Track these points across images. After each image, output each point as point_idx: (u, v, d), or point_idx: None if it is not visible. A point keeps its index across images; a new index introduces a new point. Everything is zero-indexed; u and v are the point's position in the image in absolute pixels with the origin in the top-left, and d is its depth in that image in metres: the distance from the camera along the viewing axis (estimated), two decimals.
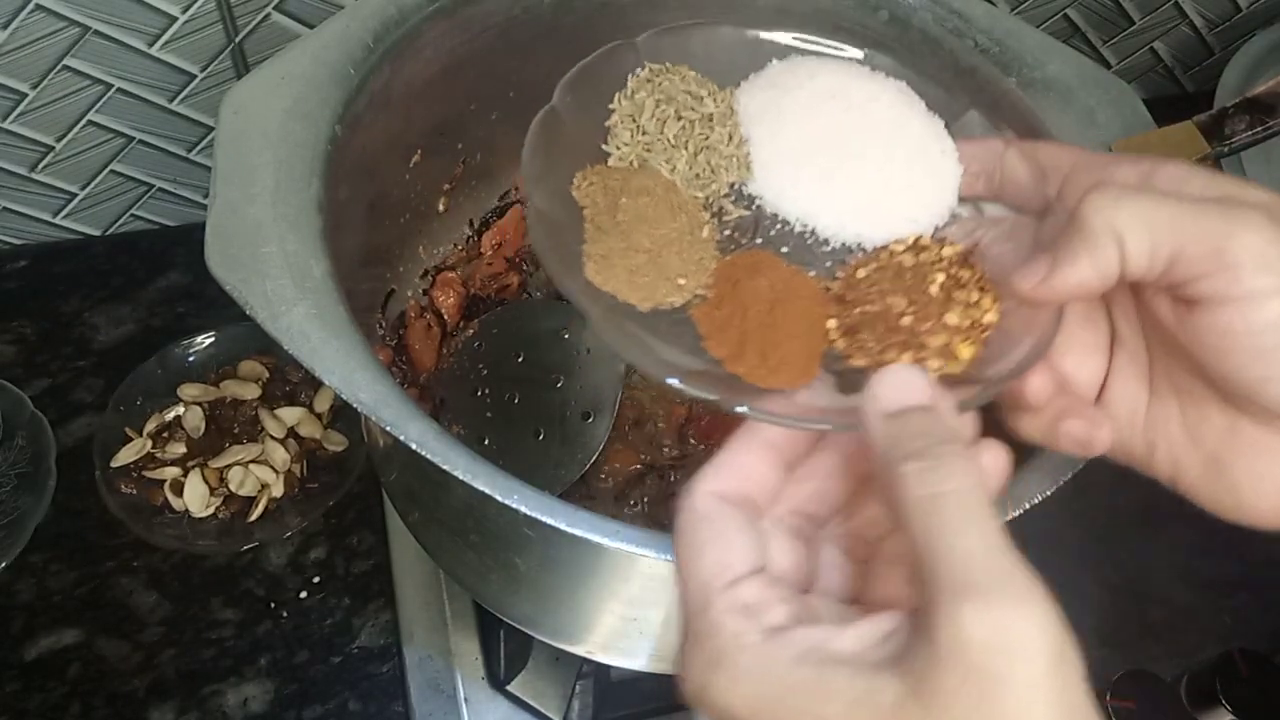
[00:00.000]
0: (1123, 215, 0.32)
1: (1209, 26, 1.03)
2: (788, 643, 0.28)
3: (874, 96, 0.41)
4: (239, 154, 0.48)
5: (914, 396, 0.31)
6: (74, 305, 0.86)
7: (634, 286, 0.37)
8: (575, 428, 0.61)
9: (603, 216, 0.38)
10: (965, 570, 0.26)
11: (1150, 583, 0.78)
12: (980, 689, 0.25)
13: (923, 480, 0.28)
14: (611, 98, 0.42)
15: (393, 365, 0.68)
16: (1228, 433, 0.34)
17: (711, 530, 0.31)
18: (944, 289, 0.38)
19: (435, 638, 0.72)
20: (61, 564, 0.74)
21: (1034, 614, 0.26)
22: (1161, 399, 0.36)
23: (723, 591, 0.30)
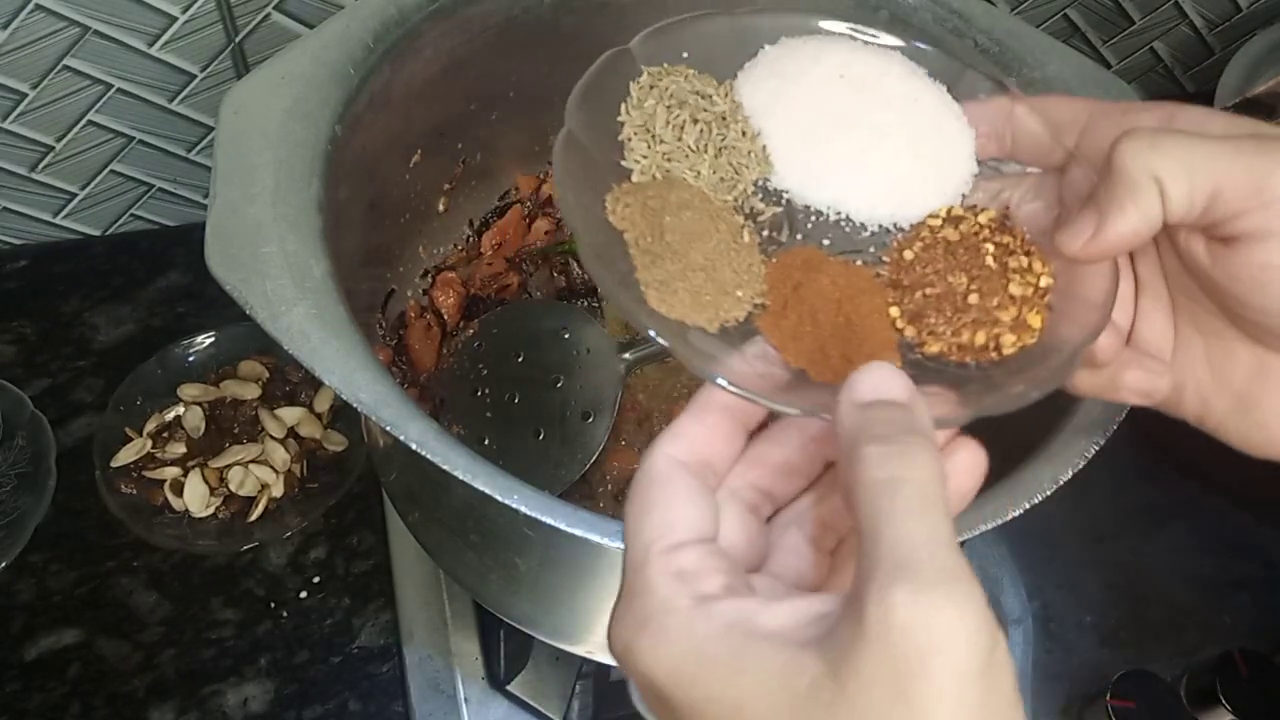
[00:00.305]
0: (1161, 159, 0.31)
1: (1209, 26, 1.03)
2: (715, 612, 0.28)
3: (882, 71, 0.41)
4: (239, 154, 0.48)
5: (890, 393, 0.30)
6: (74, 305, 0.86)
7: (700, 307, 0.35)
8: (575, 428, 0.61)
9: (648, 239, 0.36)
10: (906, 555, 0.25)
11: (1150, 583, 0.78)
12: (897, 675, 0.24)
13: (883, 464, 0.27)
14: (619, 108, 0.40)
15: (393, 365, 0.68)
16: (1255, 370, 0.35)
17: (663, 493, 0.31)
18: (997, 260, 0.38)
19: (435, 638, 0.72)
20: (61, 564, 0.74)
21: (967, 610, 0.25)
22: (1187, 341, 0.37)
23: (662, 554, 0.29)
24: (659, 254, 0.35)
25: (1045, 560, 0.77)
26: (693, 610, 0.28)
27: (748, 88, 0.41)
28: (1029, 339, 0.36)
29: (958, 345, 0.36)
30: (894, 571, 0.25)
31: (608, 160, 0.39)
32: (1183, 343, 0.37)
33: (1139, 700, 0.68)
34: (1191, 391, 0.37)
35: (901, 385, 0.30)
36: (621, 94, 0.40)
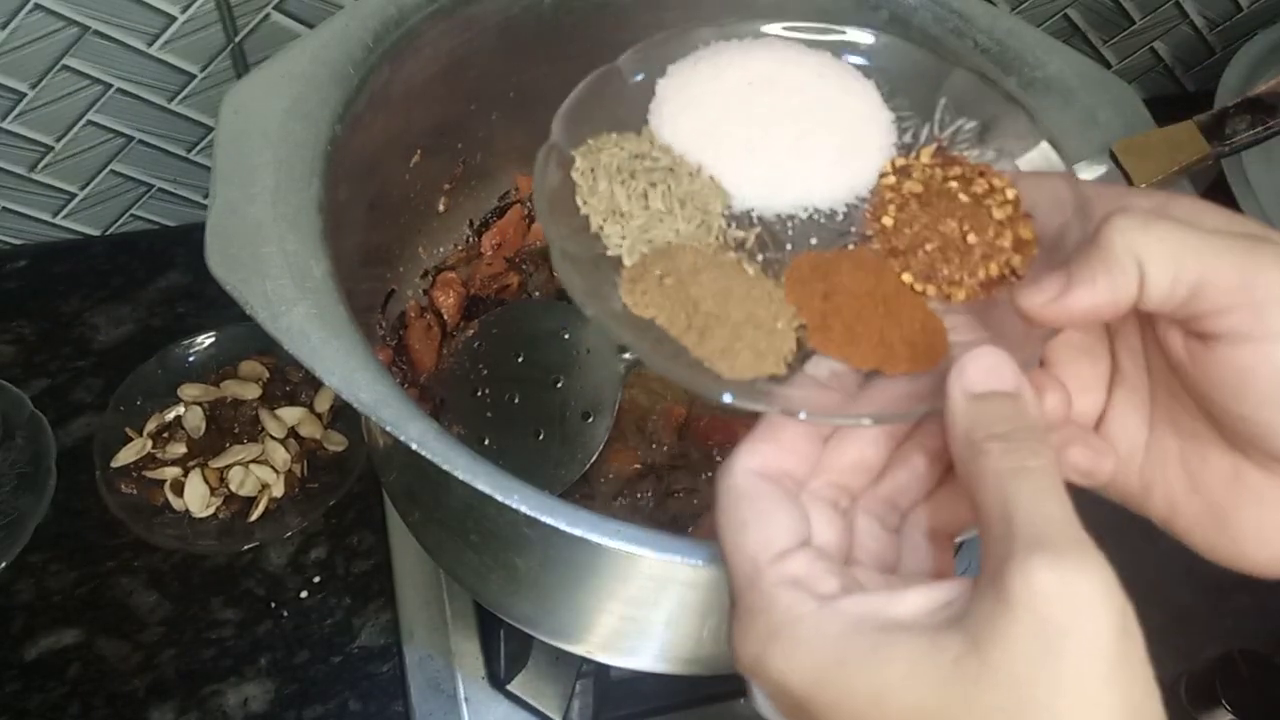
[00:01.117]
0: (1149, 240, 0.31)
1: (1209, 26, 1.03)
2: (842, 611, 0.28)
3: (782, 63, 0.41)
4: (239, 154, 0.48)
5: (1002, 382, 0.31)
6: (74, 305, 0.86)
7: (763, 357, 0.36)
8: (575, 428, 0.60)
9: (685, 318, 0.36)
10: (1041, 530, 0.27)
11: (1150, 583, 0.77)
12: (1044, 639, 0.25)
13: (1006, 456, 0.29)
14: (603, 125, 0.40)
15: (393, 365, 0.68)
16: (1230, 479, 0.33)
17: (754, 507, 0.31)
18: (967, 193, 0.39)
19: (435, 638, 0.72)
20: (61, 564, 0.74)
21: (1103, 578, 0.26)
22: (1161, 439, 0.35)
23: (771, 565, 0.30)
24: (705, 326, 0.35)
25: None
26: (820, 613, 0.28)
27: (666, 127, 0.41)
28: (1031, 251, 0.37)
29: (979, 284, 0.37)
30: (1032, 544, 0.26)
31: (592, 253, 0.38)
32: (1157, 441, 0.36)
33: None
34: (1160, 493, 0.35)
35: (1010, 373, 0.31)
36: (608, 113, 0.40)
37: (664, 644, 0.55)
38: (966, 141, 0.42)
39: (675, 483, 0.65)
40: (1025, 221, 0.38)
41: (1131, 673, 0.26)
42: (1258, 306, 0.30)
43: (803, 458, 0.34)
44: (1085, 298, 0.31)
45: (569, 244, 0.37)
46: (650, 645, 0.56)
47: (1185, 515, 0.35)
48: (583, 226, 0.38)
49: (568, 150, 0.39)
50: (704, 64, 0.41)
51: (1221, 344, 0.31)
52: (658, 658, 0.56)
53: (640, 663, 0.57)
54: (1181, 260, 0.30)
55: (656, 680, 0.60)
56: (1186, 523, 0.35)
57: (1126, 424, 0.36)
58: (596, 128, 0.40)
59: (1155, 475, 0.36)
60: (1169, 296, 0.31)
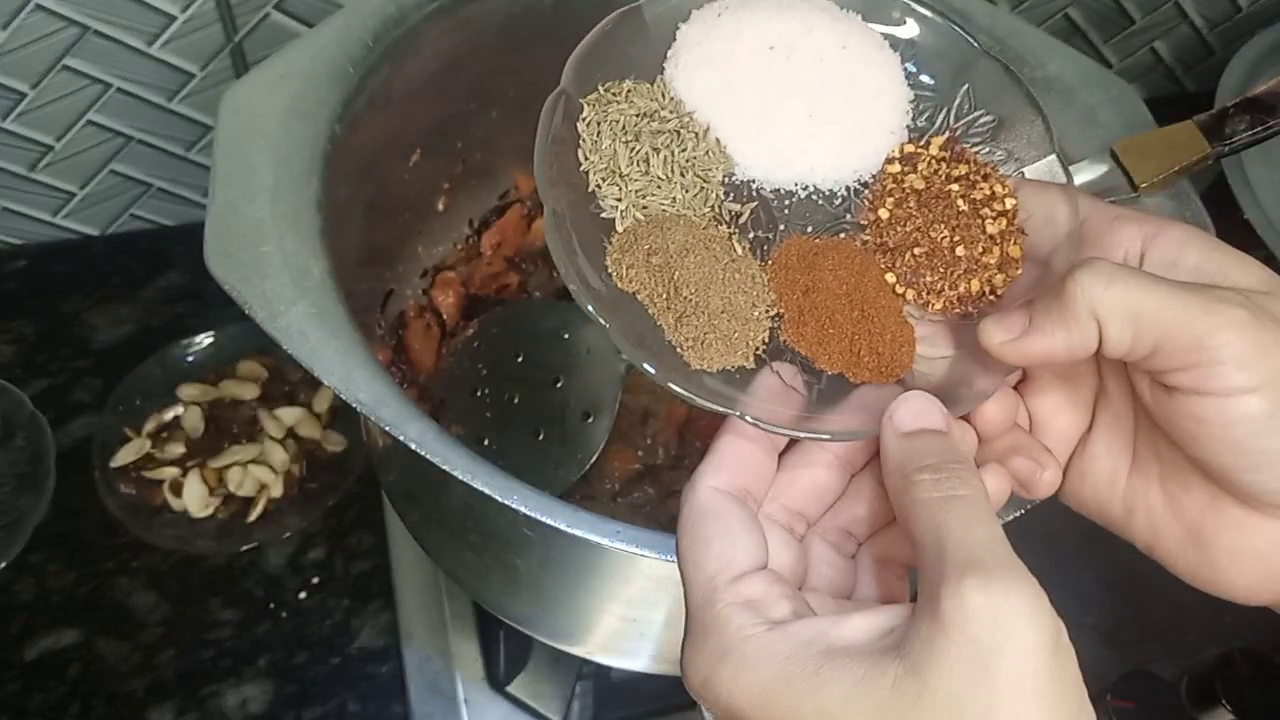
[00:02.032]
0: (1109, 301, 0.31)
1: (1209, 26, 1.03)
2: (790, 634, 0.29)
3: (806, 29, 0.40)
4: (238, 153, 0.48)
5: (929, 422, 0.32)
6: (73, 305, 0.85)
7: (733, 348, 0.36)
8: (575, 428, 0.60)
9: (665, 298, 0.36)
10: (971, 554, 0.27)
11: (1150, 583, 0.78)
12: (977, 660, 0.26)
13: (937, 486, 0.30)
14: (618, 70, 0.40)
15: (392, 365, 0.68)
16: (1209, 507, 0.34)
17: (716, 525, 0.32)
18: (965, 199, 0.39)
19: (435, 638, 0.72)
20: (61, 564, 0.73)
21: (1033, 598, 0.27)
22: (1144, 465, 0.36)
23: (728, 586, 0.31)
24: (682, 311, 0.36)
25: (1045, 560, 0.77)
26: (768, 635, 0.29)
27: (680, 80, 0.40)
28: (1015, 271, 0.38)
29: (957, 297, 0.38)
30: (963, 568, 0.27)
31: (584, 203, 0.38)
32: (1139, 467, 0.36)
33: (1139, 700, 0.68)
34: (1142, 517, 0.36)
35: (938, 413, 0.32)
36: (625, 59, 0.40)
37: (664, 645, 0.55)
38: (979, 136, 0.41)
39: (675, 483, 0.65)
40: (1016, 238, 0.38)
41: (1063, 691, 0.26)
42: (1210, 365, 0.31)
43: (760, 477, 0.34)
44: (1041, 345, 0.33)
45: (560, 201, 0.37)
46: (650, 646, 0.56)
47: (1167, 540, 0.35)
48: (579, 183, 0.38)
49: (577, 98, 0.38)
50: (727, 17, 0.40)
51: (1179, 395, 0.32)
52: (658, 659, 0.56)
53: (640, 664, 0.57)
54: (1140, 320, 0.31)
55: (656, 682, 0.60)
56: (1168, 547, 0.36)
57: (1111, 448, 0.37)
58: (611, 73, 0.39)
59: (1137, 500, 0.36)
60: (1130, 352, 0.32)
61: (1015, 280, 0.38)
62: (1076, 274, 0.32)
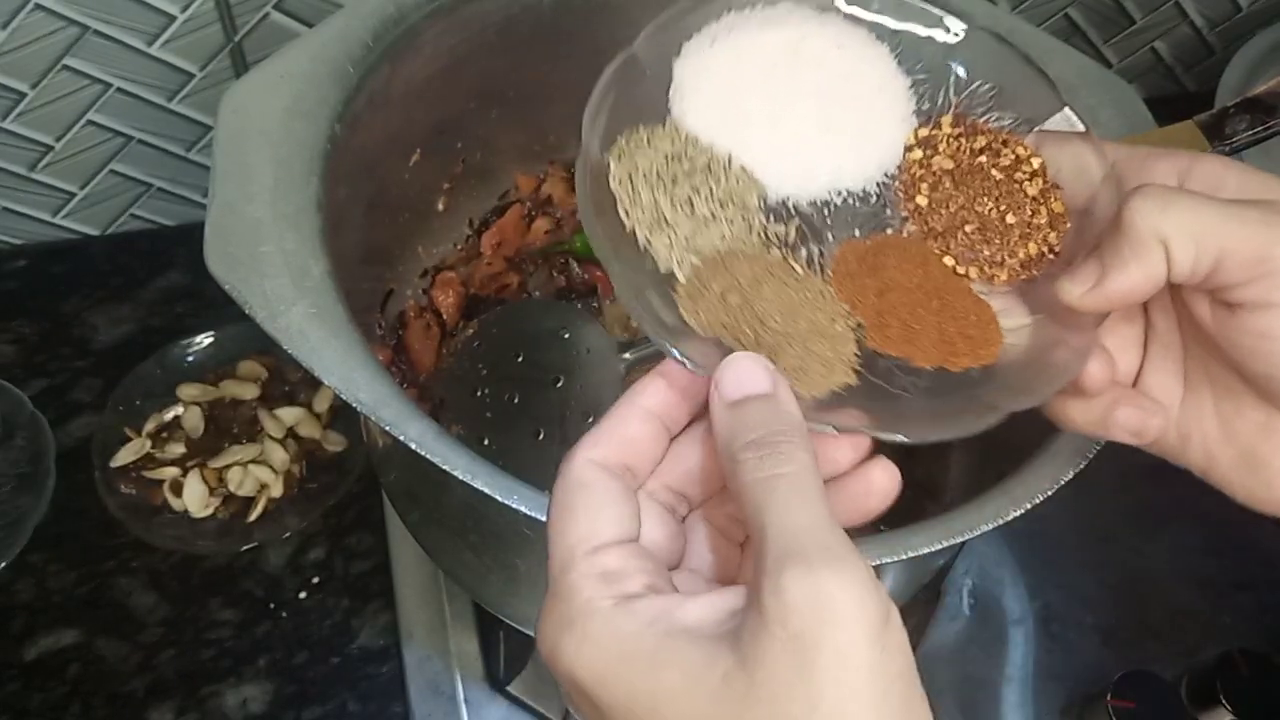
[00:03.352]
0: (1169, 223, 0.32)
1: (1209, 26, 1.03)
2: (636, 610, 0.28)
3: (800, 37, 0.40)
4: (238, 153, 0.48)
5: (754, 386, 0.31)
6: (73, 305, 0.85)
7: (833, 369, 0.35)
8: (575, 428, 0.60)
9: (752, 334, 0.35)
10: (790, 541, 0.27)
11: (1150, 583, 0.78)
12: (798, 655, 0.25)
13: (760, 465, 0.29)
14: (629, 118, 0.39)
15: (392, 365, 0.68)
16: (1263, 428, 0.35)
17: (585, 496, 0.31)
18: (997, 168, 0.39)
19: (435, 638, 0.72)
20: (61, 564, 0.73)
21: (854, 582, 0.26)
22: (1196, 392, 0.37)
23: (586, 556, 0.30)
24: (775, 345, 0.35)
25: (1045, 560, 0.77)
26: (615, 610, 0.28)
27: (689, 115, 0.39)
28: (1064, 226, 0.38)
29: (1019, 264, 0.38)
30: (782, 558, 0.26)
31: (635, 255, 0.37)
32: (1192, 393, 0.37)
33: (1139, 700, 0.68)
34: (1197, 443, 0.37)
35: (762, 375, 0.31)
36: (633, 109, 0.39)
37: None
38: (983, 105, 0.41)
39: None
40: (1056, 194, 0.39)
41: (887, 683, 0.25)
42: (1274, 277, 0.31)
43: (647, 455, 0.33)
44: (1121, 282, 0.33)
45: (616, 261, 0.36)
46: None
47: (1221, 464, 0.36)
48: (627, 239, 0.37)
49: (602, 155, 0.38)
50: (721, 44, 0.40)
51: (1243, 311, 0.32)
52: None
53: None
54: (1201, 238, 0.31)
55: None
56: (1223, 470, 0.36)
57: (1162, 379, 0.37)
58: (623, 122, 0.39)
59: (1192, 427, 0.37)
60: (1192, 272, 0.32)
61: (1067, 234, 0.38)
62: (1132, 203, 0.32)
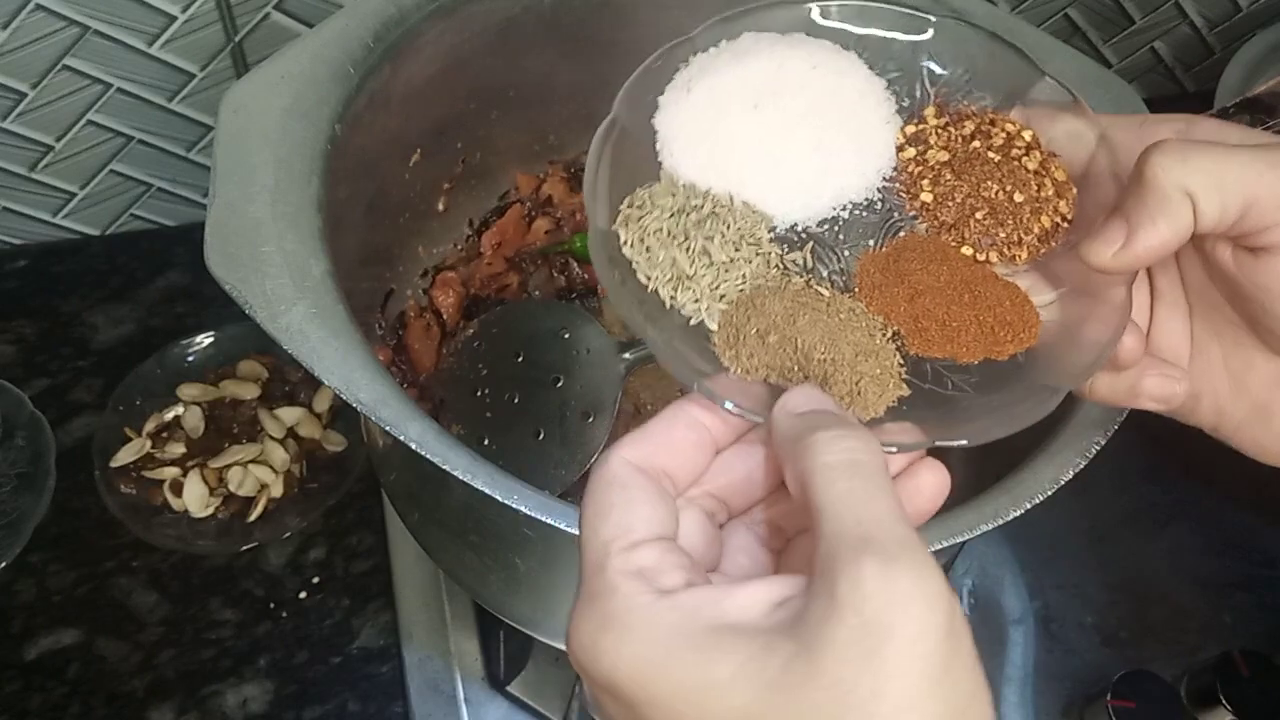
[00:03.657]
0: (1193, 173, 0.31)
1: (1209, 26, 1.03)
2: (677, 604, 0.28)
3: (776, 65, 0.40)
4: (238, 153, 0.48)
5: (821, 404, 0.32)
6: (73, 305, 0.86)
7: (885, 385, 0.35)
8: (575, 428, 0.60)
9: (800, 369, 0.35)
10: (870, 531, 0.26)
11: (1150, 583, 0.78)
12: (869, 639, 0.25)
13: (834, 445, 0.29)
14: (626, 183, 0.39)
15: (392, 365, 0.68)
16: (1273, 379, 0.35)
17: (621, 494, 0.31)
18: (992, 148, 0.39)
19: (435, 638, 0.72)
20: (61, 564, 0.73)
21: (929, 578, 0.26)
22: (1204, 349, 0.37)
23: (621, 553, 0.29)
24: (825, 375, 0.35)
25: (1046, 560, 0.77)
26: (655, 604, 0.28)
27: (682, 166, 0.39)
28: (1071, 193, 0.38)
29: (1036, 240, 0.38)
30: (860, 546, 0.26)
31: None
32: (1200, 351, 0.37)
33: (1139, 700, 0.68)
34: (1208, 400, 0.37)
35: (828, 401, 0.32)
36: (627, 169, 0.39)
37: None
38: (961, 90, 0.41)
39: None
40: (1055, 163, 0.39)
41: (956, 676, 0.26)
42: None
43: (689, 464, 0.33)
44: (1152, 239, 0.32)
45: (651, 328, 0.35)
46: None
47: (1232, 418, 0.36)
48: (654, 301, 0.37)
49: (610, 227, 0.38)
50: (697, 88, 0.40)
51: (1270, 255, 0.32)
52: None
53: None
54: (1225, 186, 0.31)
55: None
56: (1234, 425, 0.36)
57: (1171, 338, 0.37)
58: (622, 188, 0.39)
59: (1202, 384, 0.37)
60: (1220, 221, 0.32)
61: (1075, 201, 0.38)
62: (1152, 159, 0.32)
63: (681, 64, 0.40)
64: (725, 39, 0.41)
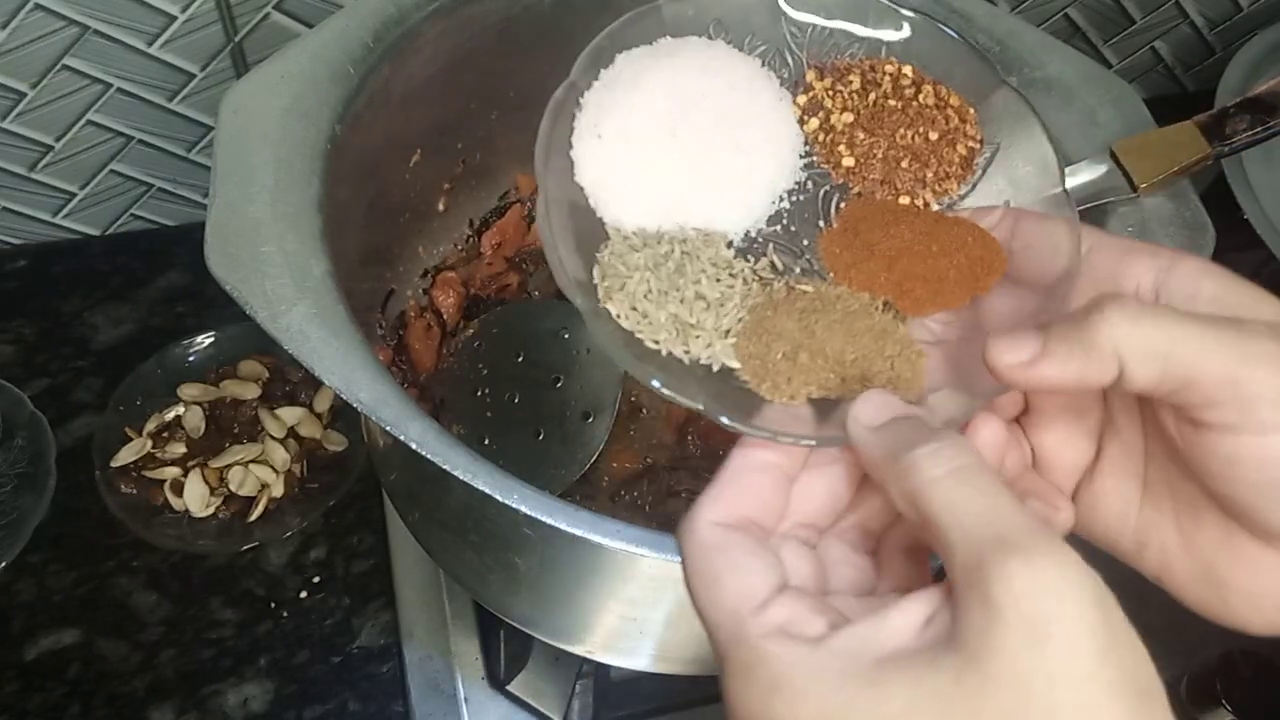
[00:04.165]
0: (1135, 337, 0.30)
1: (1209, 26, 1.03)
2: (835, 650, 0.28)
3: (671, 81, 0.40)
4: (238, 153, 0.48)
5: (893, 410, 0.31)
6: (74, 305, 0.86)
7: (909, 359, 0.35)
8: (575, 428, 0.60)
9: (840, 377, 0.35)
10: (1003, 531, 0.27)
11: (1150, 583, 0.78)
12: (1033, 636, 0.25)
13: (937, 461, 0.29)
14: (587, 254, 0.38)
15: (393, 365, 0.68)
16: (1223, 544, 0.33)
17: (725, 559, 0.31)
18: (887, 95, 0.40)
19: (435, 638, 0.72)
20: (61, 564, 0.73)
21: (1071, 561, 0.26)
22: (1156, 498, 0.35)
23: (754, 617, 0.29)
24: (859, 371, 0.35)
25: None
26: (813, 656, 0.28)
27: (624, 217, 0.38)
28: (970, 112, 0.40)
29: (959, 169, 0.39)
30: (1000, 547, 0.26)
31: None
32: (1151, 499, 0.35)
33: None
34: (1154, 551, 0.35)
35: (895, 400, 0.32)
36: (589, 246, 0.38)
37: (664, 644, 0.55)
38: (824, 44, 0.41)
39: (675, 483, 0.65)
40: (940, 89, 0.40)
41: (1119, 639, 0.26)
42: (1245, 401, 0.30)
43: (771, 505, 0.33)
44: (1052, 372, 0.31)
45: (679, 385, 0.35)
46: (650, 645, 0.56)
47: (1179, 575, 0.35)
48: (673, 362, 0.36)
49: (598, 305, 0.37)
50: (607, 130, 0.39)
51: (1210, 431, 0.31)
52: (657, 658, 0.56)
53: (640, 663, 0.57)
54: (1170, 356, 0.30)
55: (656, 680, 0.60)
56: (1180, 582, 0.35)
57: (1120, 482, 0.36)
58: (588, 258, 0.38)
59: (1150, 534, 0.36)
60: (1157, 386, 0.31)
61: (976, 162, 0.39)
62: (1105, 309, 0.31)
63: (575, 112, 0.39)
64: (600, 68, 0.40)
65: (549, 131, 0.38)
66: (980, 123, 0.40)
